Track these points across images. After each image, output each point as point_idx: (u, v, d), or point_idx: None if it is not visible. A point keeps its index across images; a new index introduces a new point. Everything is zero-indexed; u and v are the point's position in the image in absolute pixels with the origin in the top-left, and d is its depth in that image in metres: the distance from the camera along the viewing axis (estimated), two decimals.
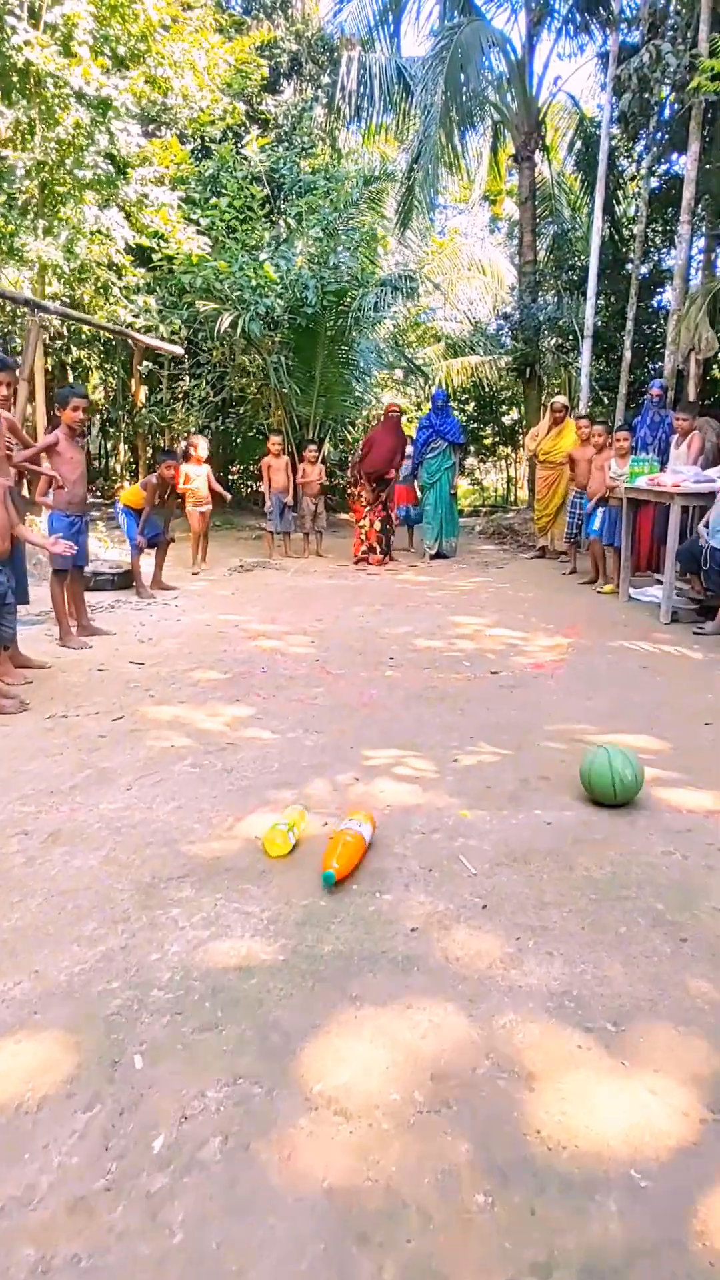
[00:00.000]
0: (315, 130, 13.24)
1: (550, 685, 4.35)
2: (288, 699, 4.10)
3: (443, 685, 4.35)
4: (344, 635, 5.53)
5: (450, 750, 3.37)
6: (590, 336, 12.38)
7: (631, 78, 9.52)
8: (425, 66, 13.15)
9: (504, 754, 3.33)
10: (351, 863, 2.32)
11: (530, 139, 13.95)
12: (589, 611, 6.42)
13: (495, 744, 3.45)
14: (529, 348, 14.47)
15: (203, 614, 6.26)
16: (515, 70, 13.67)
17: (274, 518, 9.39)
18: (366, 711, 3.90)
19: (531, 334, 14.27)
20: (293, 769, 3.16)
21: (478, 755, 3.32)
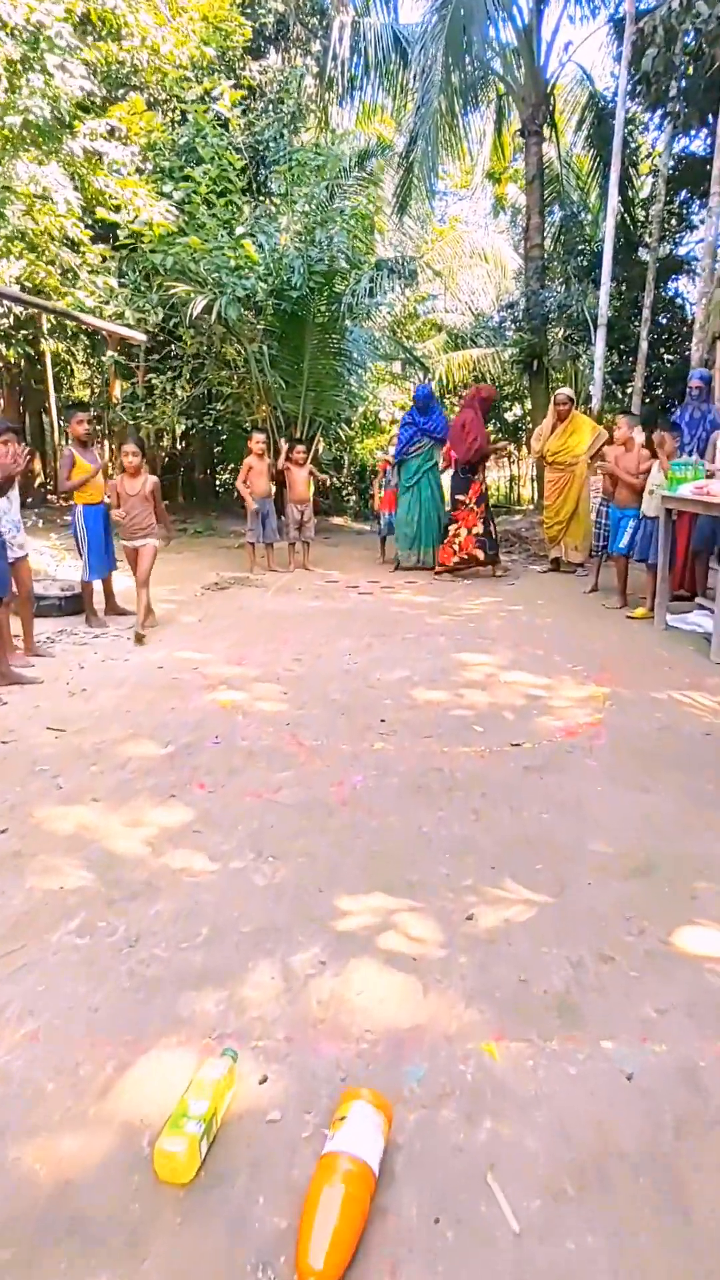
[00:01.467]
0: (305, 102, 12.17)
1: (590, 767, 3.30)
2: (242, 790, 3.06)
3: (450, 765, 3.30)
4: (325, 683, 4.48)
5: (463, 895, 2.33)
6: (604, 325, 11.33)
7: (656, 29, 8.47)
8: (424, 29, 12.10)
9: (540, 903, 2.29)
10: (350, 1246, 1.26)
11: (538, 112, 12.87)
12: (621, 644, 5.38)
13: (527, 881, 2.40)
14: (536, 338, 13.41)
15: (158, 650, 5.21)
16: (522, 36, 12.59)
17: (254, 526, 8.34)
18: (346, 814, 2.86)
19: (539, 323, 13.21)
20: (228, 938, 2.12)
21: (503, 906, 2.28)
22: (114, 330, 7.94)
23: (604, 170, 13.49)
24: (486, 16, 11.48)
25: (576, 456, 8.01)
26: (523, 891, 2.35)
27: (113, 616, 6.19)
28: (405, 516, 8.48)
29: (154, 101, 9.53)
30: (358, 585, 7.77)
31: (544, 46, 12.76)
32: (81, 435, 5.88)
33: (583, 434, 8.08)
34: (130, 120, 7.98)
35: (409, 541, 8.56)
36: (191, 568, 8.83)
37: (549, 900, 2.30)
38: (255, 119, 10.32)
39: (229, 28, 9.60)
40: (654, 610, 6.03)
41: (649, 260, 12.30)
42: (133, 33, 7.59)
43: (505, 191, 18.28)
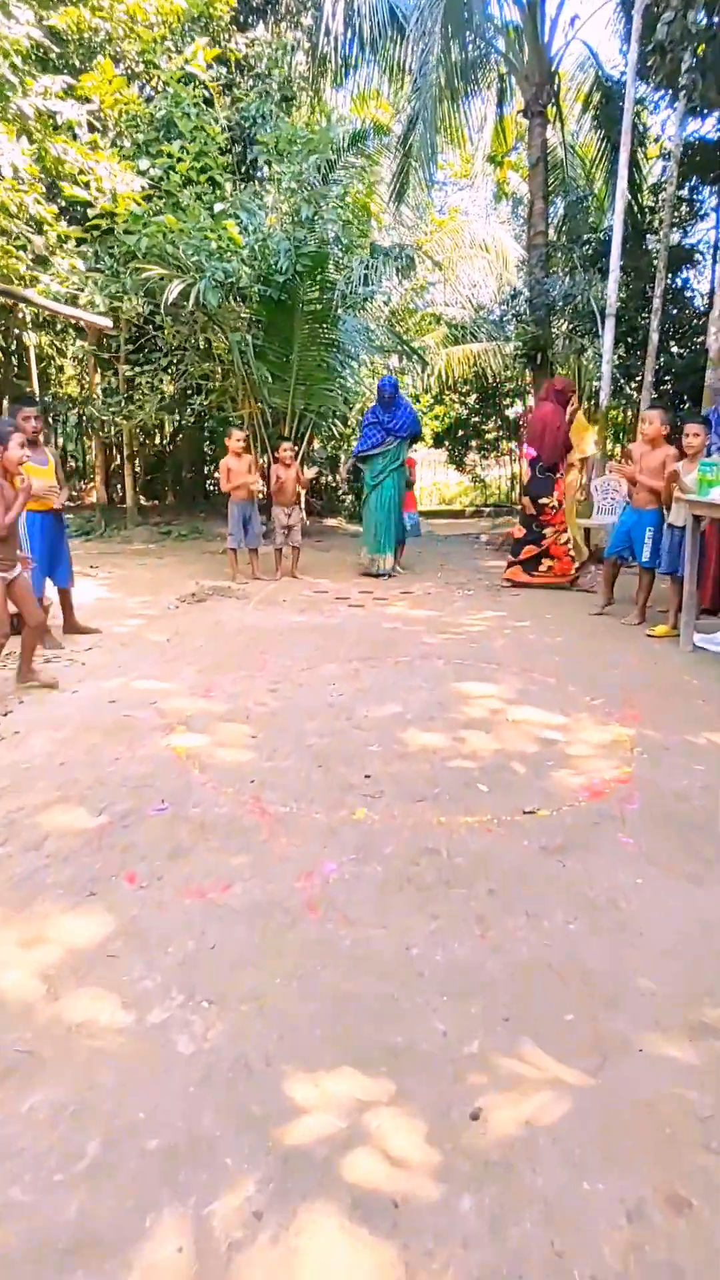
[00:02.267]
0: (296, 80, 11.48)
1: (624, 845, 2.64)
2: (182, 885, 2.39)
3: (448, 843, 2.64)
4: (303, 721, 3.82)
5: (465, 1072, 1.67)
6: (613, 315, 10.66)
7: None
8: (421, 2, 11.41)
9: (574, 1087, 1.63)
10: None
11: (542, 92, 12.17)
12: (643, 669, 4.72)
13: (554, 1045, 1.74)
14: (540, 330, 12.73)
15: (114, 678, 4.55)
16: (525, 12, 11.89)
17: (235, 531, 7.68)
18: (313, 925, 2.19)
19: (543, 314, 12.54)
20: (124, 1164, 1.46)
21: (522, 1092, 1.62)
22: (77, 316, 7.26)
23: (611, 153, 12.84)
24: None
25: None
26: (548, 1064, 1.68)
27: (71, 636, 5.52)
28: (369, 518, 7.89)
29: (131, 74, 8.84)
30: (348, 596, 7.11)
31: (548, 23, 12.07)
32: (29, 433, 5.09)
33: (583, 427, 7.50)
34: (101, 88, 7.29)
35: (375, 545, 7.95)
36: (171, 575, 8.18)
37: (586, 1081, 1.64)
38: (241, 95, 9.62)
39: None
40: (678, 628, 5.38)
41: (658, 248, 11.64)
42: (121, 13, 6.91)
43: (507, 177, 17.57)
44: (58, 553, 5.40)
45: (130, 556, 9.62)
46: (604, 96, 12.81)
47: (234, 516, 7.60)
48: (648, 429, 5.70)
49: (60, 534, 5.41)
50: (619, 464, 6.16)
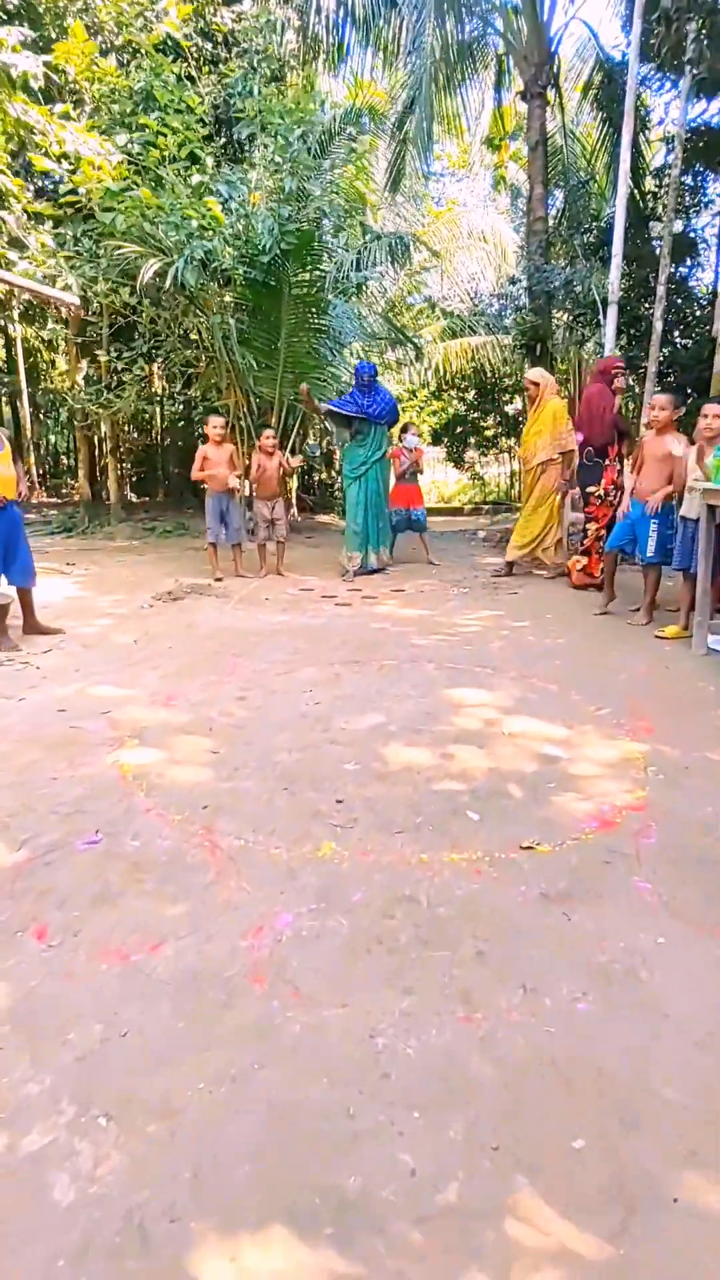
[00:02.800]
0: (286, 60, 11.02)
1: (640, 892, 2.19)
2: (101, 943, 1.95)
3: (430, 888, 2.20)
4: (272, 734, 3.37)
5: (441, 1251, 1.22)
6: (615, 303, 10.25)
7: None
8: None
9: (593, 1267, 1.18)
10: None
11: (541, 72, 11.73)
12: (652, 675, 4.27)
13: (563, 1191, 1.30)
14: (539, 319, 12.28)
15: (69, 684, 4.10)
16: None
17: (212, 525, 7.24)
18: (254, 1004, 1.75)
19: (542, 302, 12.09)
20: None
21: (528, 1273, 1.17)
22: (46, 294, 6.82)
23: (613, 135, 12.41)
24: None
25: (533, 451, 7.08)
26: (553, 1224, 1.24)
27: (30, 637, 5.08)
28: (354, 513, 7.42)
29: (108, 47, 8.40)
30: (335, 595, 6.67)
31: (548, 1, 11.63)
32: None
33: (542, 427, 7.01)
34: (73, 50, 6.83)
35: (359, 542, 7.48)
36: (151, 573, 7.73)
37: (604, 1253, 1.20)
38: (228, 71, 9.18)
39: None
40: (690, 629, 4.94)
41: (662, 235, 11.22)
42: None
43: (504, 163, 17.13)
44: (13, 549, 4.95)
45: (110, 554, 9.18)
46: (605, 77, 12.37)
47: (211, 509, 7.16)
48: (660, 415, 5.25)
49: (16, 529, 4.96)
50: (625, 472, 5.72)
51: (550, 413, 7.04)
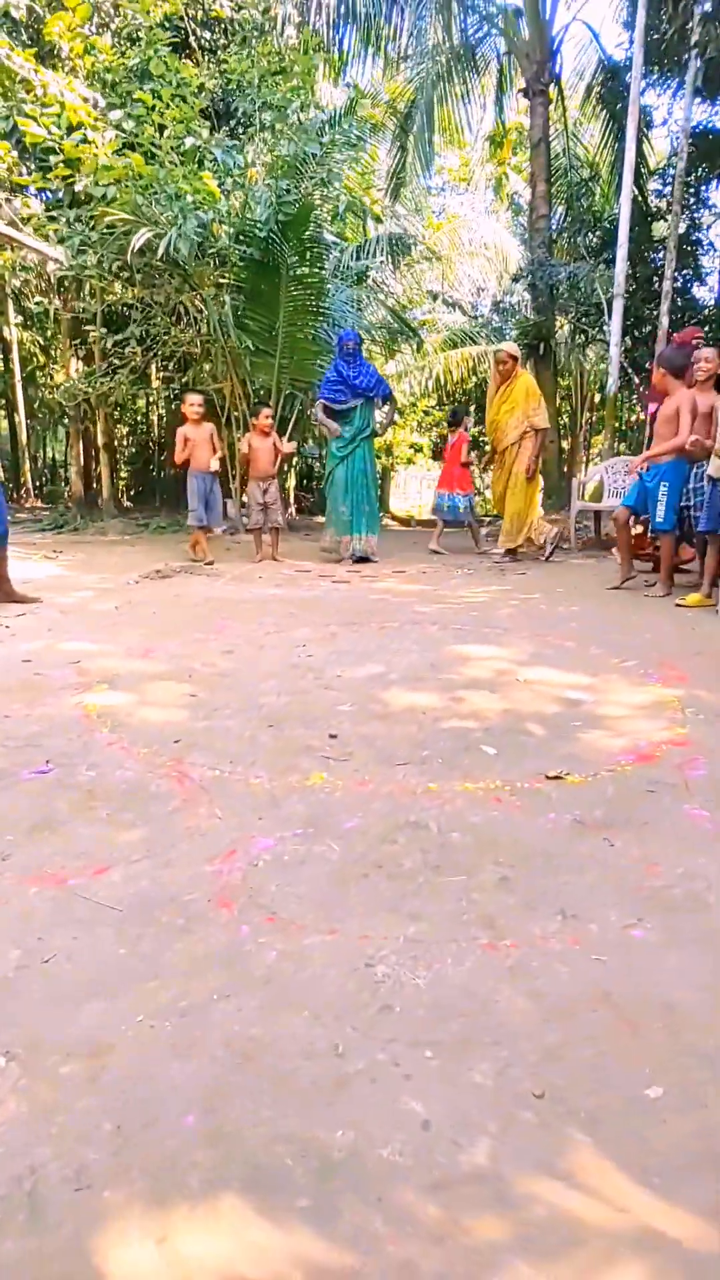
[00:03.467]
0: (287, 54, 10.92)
1: (695, 819, 1.82)
2: (33, 870, 1.57)
3: (438, 818, 1.82)
4: (259, 681, 3.01)
5: (469, 1228, 0.84)
6: (621, 297, 10.05)
7: None
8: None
9: (692, 1256, 0.80)
10: None
11: (543, 70, 11.65)
12: (679, 635, 3.91)
13: (635, 1157, 0.91)
14: (542, 317, 12.09)
15: (37, 641, 3.74)
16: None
17: (195, 506, 6.91)
18: (220, 931, 1.37)
19: (546, 300, 11.90)
20: None
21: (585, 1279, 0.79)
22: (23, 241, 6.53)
23: (617, 133, 12.30)
24: None
25: (505, 430, 6.72)
26: (626, 1193, 0.86)
27: (3, 606, 4.71)
28: (340, 495, 7.04)
29: (104, 26, 8.24)
30: (332, 574, 6.32)
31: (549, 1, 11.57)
32: None
33: (515, 402, 6.69)
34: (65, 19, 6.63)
35: (345, 526, 7.10)
36: (140, 559, 7.38)
37: (706, 1240, 0.81)
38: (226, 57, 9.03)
39: None
40: (713, 596, 4.59)
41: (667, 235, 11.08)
42: None
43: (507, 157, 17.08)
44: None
45: (101, 545, 8.86)
46: (608, 76, 12.29)
47: (194, 489, 6.83)
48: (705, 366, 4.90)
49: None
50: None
51: (523, 388, 6.79)
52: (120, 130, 7.27)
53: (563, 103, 13.17)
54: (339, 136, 8.11)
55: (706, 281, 13.64)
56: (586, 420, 18.55)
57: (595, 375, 16.60)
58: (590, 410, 18.12)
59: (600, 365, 15.35)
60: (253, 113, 7.99)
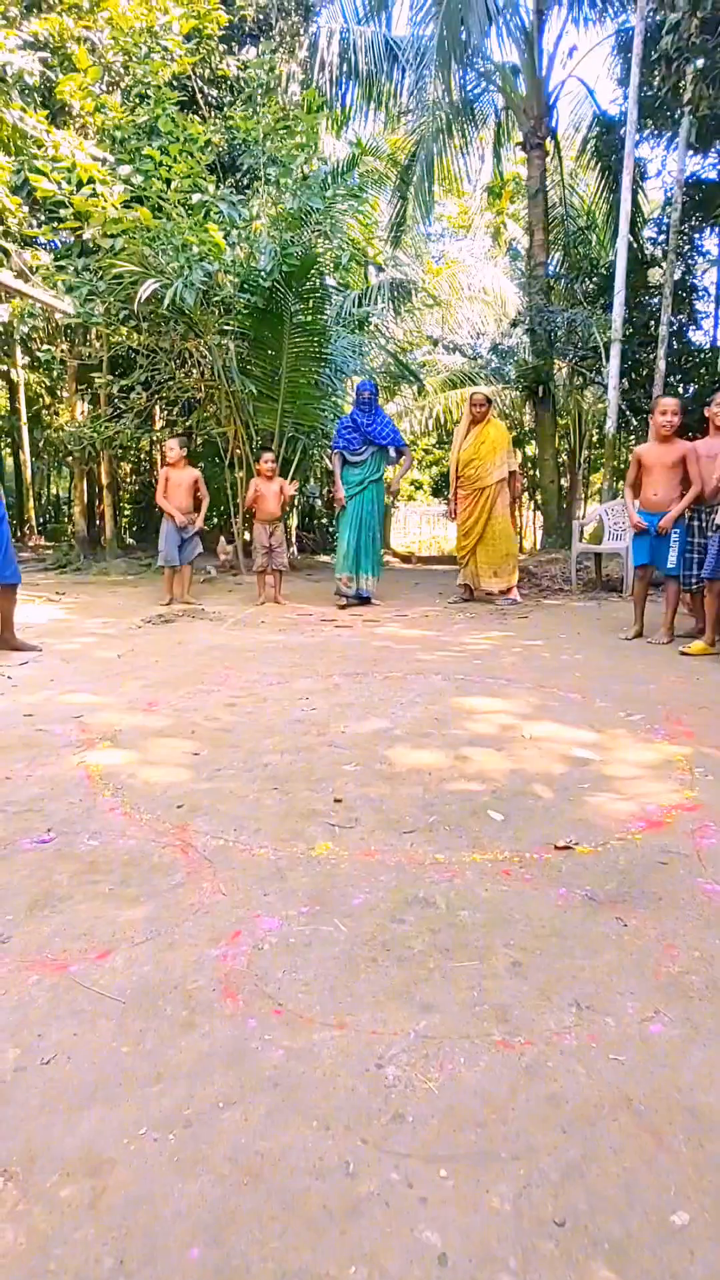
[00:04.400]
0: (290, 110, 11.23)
1: (711, 899, 1.78)
2: (32, 954, 1.53)
3: (447, 894, 1.78)
4: (262, 737, 2.98)
5: None
6: (619, 341, 10.22)
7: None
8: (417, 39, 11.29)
9: None
10: None
11: (540, 124, 11.98)
12: (684, 686, 3.89)
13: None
14: (541, 361, 12.28)
15: (41, 692, 3.72)
16: (523, 46, 11.77)
17: (167, 551, 7.03)
18: (224, 1024, 1.33)
19: (544, 344, 12.10)
20: None
21: None
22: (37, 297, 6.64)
23: (612, 184, 12.62)
24: (488, 19, 10.61)
25: (487, 467, 6.83)
26: None
27: (3, 654, 4.70)
28: (348, 536, 7.11)
29: (114, 85, 8.48)
30: (334, 619, 6.31)
31: (545, 58, 11.95)
32: None
33: (496, 443, 6.87)
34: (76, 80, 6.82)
35: (350, 564, 7.14)
36: (142, 601, 7.40)
37: None
38: (231, 114, 9.28)
39: (202, 9, 8.61)
40: (716, 644, 4.58)
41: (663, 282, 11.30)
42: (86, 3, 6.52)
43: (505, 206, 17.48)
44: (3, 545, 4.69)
45: (104, 586, 8.89)
46: (602, 129, 12.64)
47: (166, 532, 6.99)
48: (675, 420, 5.01)
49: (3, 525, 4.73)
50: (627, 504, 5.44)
51: (501, 431, 7.01)
52: (129, 184, 7.44)
53: (559, 154, 13.53)
54: (341, 190, 8.30)
55: (702, 325, 13.84)
56: (585, 457, 18.74)
57: (594, 414, 16.82)
58: (589, 448, 18.32)
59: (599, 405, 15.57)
60: (257, 168, 8.19)
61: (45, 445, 17.55)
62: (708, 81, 8.48)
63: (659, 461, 5.07)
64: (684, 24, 7.64)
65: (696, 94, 8.67)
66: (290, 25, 10.49)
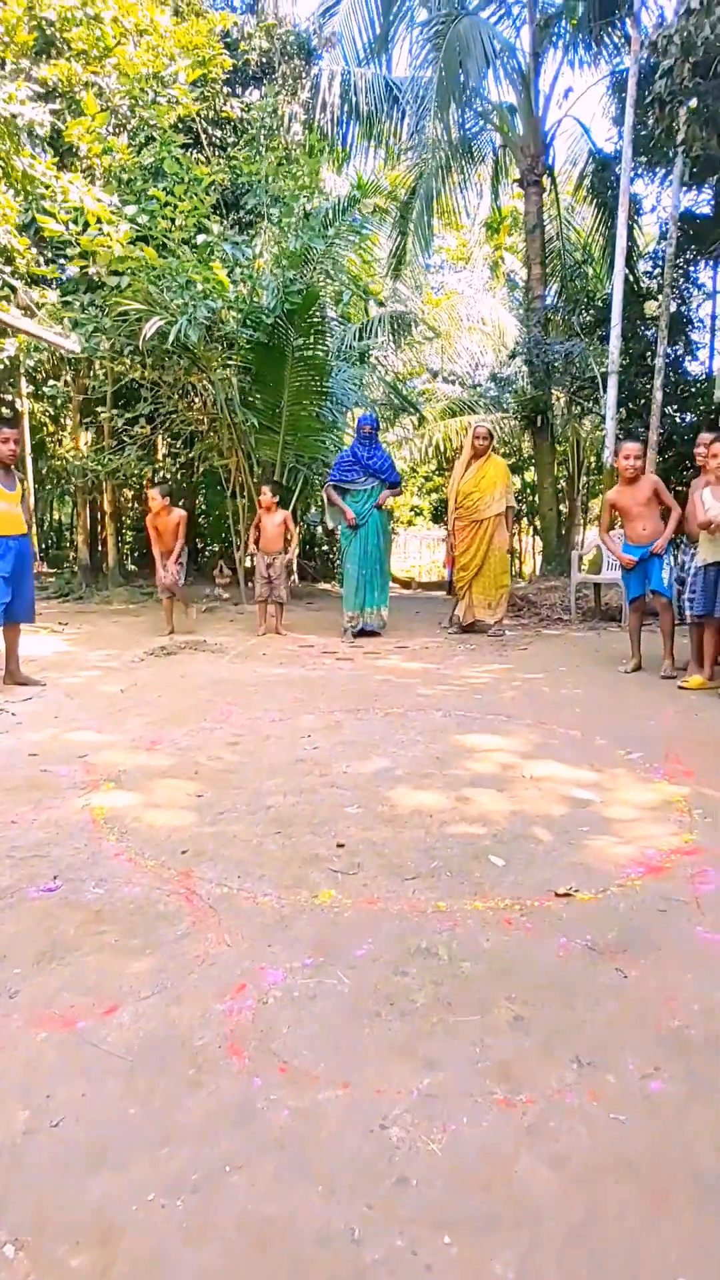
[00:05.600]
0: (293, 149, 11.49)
1: (710, 948, 1.80)
2: (40, 1009, 1.55)
3: (449, 944, 1.80)
4: (265, 778, 3.00)
5: None
6: (615, 373, 10.37)
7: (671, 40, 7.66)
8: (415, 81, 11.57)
9: None
10: None
11: (537, 162, 12.25)
12: (683, 722, 3.92)
13: None
14: (540, 391, 12.44)
15: (44, 729, 3.75)
16: (520, 88, 12.06)
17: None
18: (229, 1082, 1.35)
19: (542, 374, 12.26)
20: None
21: None
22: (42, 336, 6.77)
23: (608, 220, 12.86)
24: (486, 63, 10.89)
25: (487, 501, 6.92)
26: None
27: (9, 687, 4.74)
28: (354, 569, 7.18)
29: (121, 127, 8.70)
30: (336, 650, 6.36)
31: (542, 99, 12.23)
32: (5, 455, 4.78)
33: (496, 478, 6.99)
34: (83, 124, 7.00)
35: (357, 601, 7.20)
36: (146, 631, 7.46)
37: None
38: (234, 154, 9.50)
39: (207, 55, 8.85)
40: (715, 679, 4.62)
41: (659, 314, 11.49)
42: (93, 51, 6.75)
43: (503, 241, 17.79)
44: (21, 583, 4.82)
45: (106, 615, 8.94)
46: (598, 167, 12.90)
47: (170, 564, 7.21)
48: (639, 463, 5.15)
49: (26, 563, 4.87)
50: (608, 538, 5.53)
51: (501, 465, 7.11)
52: (134, 223, 7.61)
53: (555, 190, 13.80)
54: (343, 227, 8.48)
55: (698, 356, 14.04)
56: (585, 484, 18.90)
57: (592, 441, 17.00)
58: (588, 474, 18.48)
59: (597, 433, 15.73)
60: (260, 206, 8.37)
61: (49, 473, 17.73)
62: (700, 123, 8.68)
63: (633, 502, 5.17)
64: (676, 69, 7.83)
65: (690, 135, 8.86)
66: (293, 68, 10.78)
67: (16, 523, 4.85)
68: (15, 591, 4.87)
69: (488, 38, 10.36)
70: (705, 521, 4.48)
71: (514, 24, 12.39)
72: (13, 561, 4.81)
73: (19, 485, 5.01)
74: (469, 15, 10.86)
